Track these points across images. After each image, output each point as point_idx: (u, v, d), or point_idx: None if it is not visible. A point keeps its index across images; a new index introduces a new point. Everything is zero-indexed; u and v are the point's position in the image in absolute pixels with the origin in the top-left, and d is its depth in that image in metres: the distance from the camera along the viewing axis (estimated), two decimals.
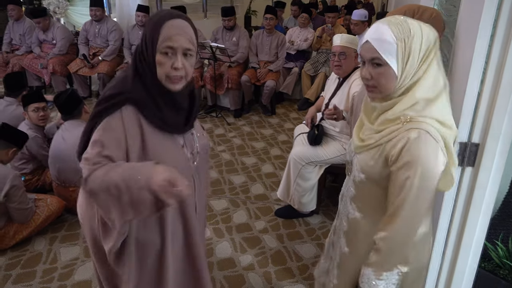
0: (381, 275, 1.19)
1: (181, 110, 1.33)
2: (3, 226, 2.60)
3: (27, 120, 3.11)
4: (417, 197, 1.12)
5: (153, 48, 1.20)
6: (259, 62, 5.12)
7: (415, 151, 1.10)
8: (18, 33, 5.74)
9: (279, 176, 3.58)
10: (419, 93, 1.14)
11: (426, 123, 1.12)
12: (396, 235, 1.16)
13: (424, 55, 1.12)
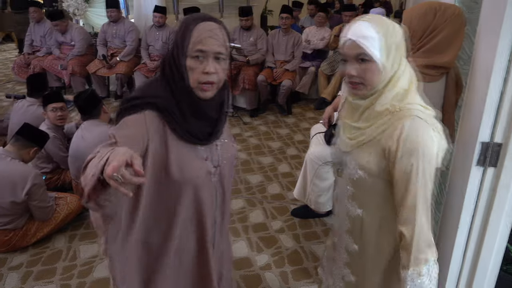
0: (422, 270, 1.17)
1: (208, 120, 1.24)
2: (24, 224, 2.66)
3: (47, 120, 3.17)
4: (426, 182, 1.15)
5: (184, 52, 1.14)
6: (275, 61, 5.11)
7: (414, 138, 1.13)
8: (39, 34, 5.87)
9: (295, 176, 3.57)
10: (399, 84, 1.19)
11: (415, 109, 1.17)
12: (420, 226, 1.16)
13: (399, 48, 1.18)
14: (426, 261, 1.17)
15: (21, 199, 2.53)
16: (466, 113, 1.64)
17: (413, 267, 1.18)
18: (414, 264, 1.18)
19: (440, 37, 1.58)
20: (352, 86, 1.22)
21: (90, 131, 2.94)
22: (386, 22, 1.17)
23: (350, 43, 1.17)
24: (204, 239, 1.33)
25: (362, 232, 1.37)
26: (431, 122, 1.17)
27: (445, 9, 1.58)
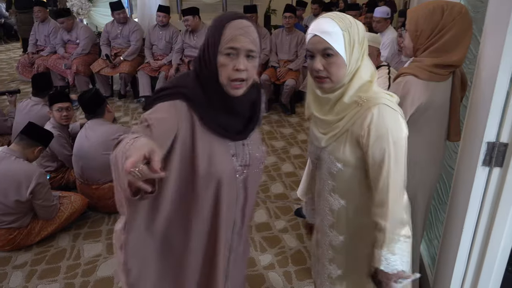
0: (395, 249, 1.24)
1: (239, 117, 1.25)
2: (29, 222, 2.66)
3: (52, 119, 3.18)
4: (397, 165, 1.22)
5: (215, 49, 1.15)
6: (278, 61, 5.10)
7: (382, 124, 1.20)
8: (43, 34, 5.89)
9: (299, 176, 3.56)
10: (363, 76, 1.25)
11: (381, 97, 1.23)
12: (393, 208, 1.23)
13: (361, 43, 1.24)
14: (399, 240, 1.24)
15: (26, 198, 2.53)
16: (471, 112, 1.63)
17: (387, 247, 1.24)
18: (387, 244, 1.24)
19: (449, 36, 1.57)
20: (318, 81, 1.27)
21: (94, 130, 2.94)
22: (349, 19, 1.24)
23: (315, 38, 1.23)
24: (216, 239, 1.30)
25: (348, 222, 1.41)
26: (398, 108, 1.24)
27: (452, 8, 1.56)
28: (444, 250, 1.89)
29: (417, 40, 1.64)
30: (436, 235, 2.15)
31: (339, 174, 1.33)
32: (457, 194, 1.75)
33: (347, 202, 1.37)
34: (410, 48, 1.69)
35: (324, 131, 1.33)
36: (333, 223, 1.43)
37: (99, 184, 2.96)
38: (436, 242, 2.10)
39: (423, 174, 1.79)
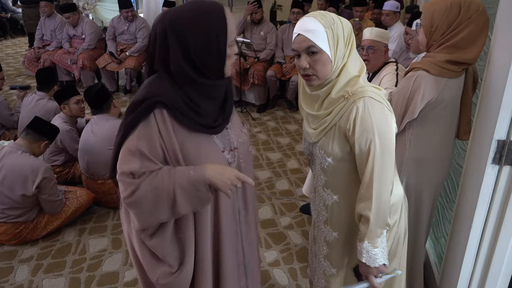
0: (376, 242, 1.26)
1: (218, 101, 1.25)
2: (35, 217, 2.68)
3: (63, 114, 3.19)
4: (382, 157, 1.22)
5: (225, 42, 1.14)
6: (285, 57, 5.08)
7: (367, 116, 1.21)
8: (50, 28, 5.89)
9: (304, 172, 3.55)
10: (350, 71, 1.27)
11: (367, 90, 1.24)
12: (378, 201, 1.24)
13: (347, 39, 1.26)
14: (381, 234, 1.26)
15: (32, 193, 2.54)
16: (481, 110, 1.61)
17: (369, 240, 1.26)
18: (370, 236, 1.26)
19: (465, 33, 1.54)
20: (306, 78, 1.31)
21: (100, 125, 2.95)
22: (332, 16, 1.25)
23: (299, 37, 1.26)
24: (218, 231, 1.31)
25: (341, 218, 1.42)
26: (384, 101, 1.25)
27: (469, 5, 1.54)
28: (452, 248, 1.87)
29: (432, 36, 1.62)
30: (443, 233, 2.13)
31: (330, 169, 1.36)
32: (466, 192, 1.73)
33: (340, 197, 1.39)
34: (424, 43, 1.67)
35: (314, 126, 1.36)
36: (327, 219, 1.45)
37: (104, 179, 2.96)
38: (443, 240, 2.08)
39: (429, 171, 1.77)
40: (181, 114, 1.17)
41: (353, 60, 1.28)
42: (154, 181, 1.13)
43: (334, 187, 1.39)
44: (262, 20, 5.02)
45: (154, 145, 1.15)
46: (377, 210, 1.24)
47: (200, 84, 1.17)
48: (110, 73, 5.58)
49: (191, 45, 1.12)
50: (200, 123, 1.20)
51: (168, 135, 1.16)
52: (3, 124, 3.78)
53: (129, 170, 1.14)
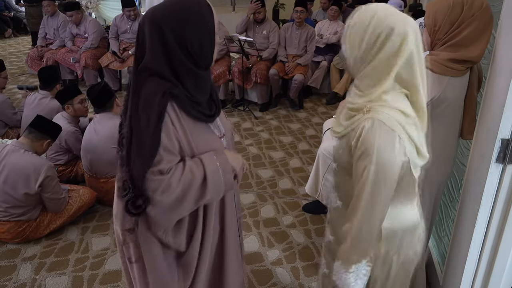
0: (350, 267, 1.17)
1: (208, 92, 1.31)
2: (38, 215, 2.68)
3: (65, 114, 3.19)
4: (373, 189, 1.10)
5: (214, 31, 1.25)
6: (287, 55, 5.07)
7: (369, 140, 1.10)
8: (52, 27, 5.90)
9: (306, 171, 3.55)
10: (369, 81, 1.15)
11: (383, 112, 1.11)
12: (358, 227, 1.14)
13: (368, 48, 1.11)
14: (358, 262, 1.16)
15: (35, 191, 2.55)
16: (485, 109, 1.60)
17: (342, 261, 1.18)
18: (345, 259, 1.18)
19: (468, 31, 1.53)
20: None
21: (102, 124, 2.95)
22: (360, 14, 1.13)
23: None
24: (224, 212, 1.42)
25: (339, 226, 1.36)
26: (399, 129, 1.10)
27: (472, 2, 1.53)
28: (455, 247, 1.86)
29: (435, 35, 1.61)
30: (446, 232, 2.13)
31: (336, 173, 1.33)
32: (469, 191, 1.73)
33: (343, 205, 1.34)
34: (428, 43, 1.66)
35: (336, 129, 1.29)
36: (330, 220, 1.44)
37: (107, 177, 2.97)
38: (446, 239, 2.08)
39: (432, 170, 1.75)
40: (186, 104, 1.22)
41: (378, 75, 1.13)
42: (185, 174, 1.19)
43: (339, 193, 1.35)
44: (265, 19, 5.00)
45: (171, 138, 1.19)
46: (356, 238, 1.15)
47: (196, 75, 1.23)
48: (113, 71, 5.59)
49: (188, 40, 1.18)
50: (202, 112, 1.27)
51: (181, 126, 1.21)
52: (6, 123, 3.79)
53: (157, 168, 1.16)
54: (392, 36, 1.08)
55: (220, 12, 6.60)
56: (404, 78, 1.13)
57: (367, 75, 1.15)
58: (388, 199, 1.14)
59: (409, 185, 1.21)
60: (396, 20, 1.09)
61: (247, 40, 4.52)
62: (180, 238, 1.32)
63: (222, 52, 4.99)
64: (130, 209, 1.19)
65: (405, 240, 1.27)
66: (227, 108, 5.09)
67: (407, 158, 1.13)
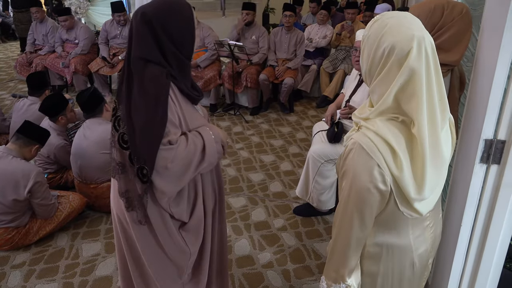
0: (331, 285, 1.18)
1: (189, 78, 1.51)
2: (27, 222, 2.66)
3: (55, 125, 3.16)
4: (348, 209, 1.11)
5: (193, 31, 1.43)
6: (277, 59, 5.10)
7: (349, 162, 1.09)
8: (41, 33, 5.87)
9: (297, 174, 3.56)
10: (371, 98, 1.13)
11: (367, 136, 1.07)
12: (334, 244, 1.16)
13: (379, 64, 1.05)
14: (336, 281, 1.16)
15: (24, 197, 2.53)
16: (469, 110, 1.63)
17: (324, 274, 1.21)
18: (326, 272, 1.20)
19: (448, 36, 1.56)
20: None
21: (92, 129, 2.94)
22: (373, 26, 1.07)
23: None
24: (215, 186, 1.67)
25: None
26: (378, 157, 1.04)
27: (453, 7, 1.56)
28: (442, 247, 1.89)
29: None
30: None
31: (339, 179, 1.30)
32: (455, 191, 1.76)
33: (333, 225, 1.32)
34: None
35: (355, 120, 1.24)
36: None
37: (97, 183, 2.96)
38: None
39: None
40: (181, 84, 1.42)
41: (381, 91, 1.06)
42: (189, 144, 1.39)
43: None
44: (253, 23, 5.02)
45: (174, 113, 1.38)
46: (331, 254, 1.18)
47: (183, 63, 1.42)
48: (102, 77, 5.57)
49: (174, 32, 1.37)
50: (192, 93, 1.47)
51: (179, 104, 1.40)
52: None
53: (167, 139, 1.34)
54: (393, 54, 1.01)
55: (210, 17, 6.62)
56: (402, 107, 1.04)
57: (372, 91, 1.10)
58: (364, 221, 1.11)
59: (393, 215, 1.14)
60: (401, 37, 1.01)
61: (237, 45, 4.54)
62: (181, 207, 1.50)
63: (213, 57, 5.01)
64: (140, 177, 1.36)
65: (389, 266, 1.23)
66: (218, 113, 5.10)
67: (388, 188, 1.07)
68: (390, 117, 1.07)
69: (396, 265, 1.24)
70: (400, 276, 1.26)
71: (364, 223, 1.11)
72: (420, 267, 1.27)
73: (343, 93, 2.99)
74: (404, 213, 1.12)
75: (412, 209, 1.12)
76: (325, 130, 2.91)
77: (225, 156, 1.46)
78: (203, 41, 4.95)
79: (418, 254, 1.24)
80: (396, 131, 1.06)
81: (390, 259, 1.22)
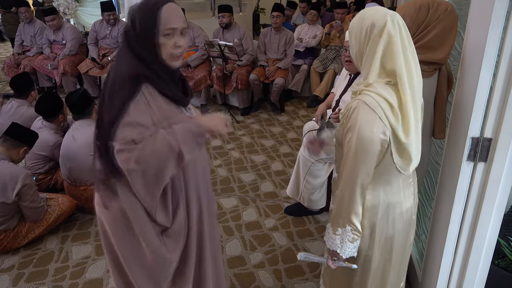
0: (337, 230, 1.37)
1: (177, 85, 1.44)
2: (15, 225, 2.63)
3: (52, 124, 3.14)
4: (354, 159, 1.29)
5: (156, 31, 1.29)
6: (267, 60, 5.10)
7: (353, 118, 1.28)
8: (29, 34, 5.81)
9: (288, 174, 3.57)
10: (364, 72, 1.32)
11: (369, 95, 1.27)
12: (341, 193, 1.34)
13: (361, 44, 1.29)
14: (343, 225, 1.35)
15: (12, 200, 2.50)
16: (456, 108, 1.65)
17: (331, 223, 1.39)
18: (333, 221, 1.38)
19: (433, 34, 1.58)
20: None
21: (81, 131, 2.92)
22: (357, 17, 1.31)
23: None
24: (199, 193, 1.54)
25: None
26: (380, 111, 1.26)
27: (438, 6, 1.58)
28: (432, 244, 1.91)
29: None
30: (424, 230, 2.17)
31: (335, 148, 1.48)
32: (443, 189, 1.77)
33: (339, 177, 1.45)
34: None
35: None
36: (333, 192, 1.56)
37: (87, 185, 2.93)
38: (424, 237, 2.12)
39: None
40: (161, 87, 1.34)
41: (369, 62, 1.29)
42: (156, 140, 1.27)
43: (337, 166, 1.50)
44: (231, 25, 4.99)
45: (145, 116, 1.29)
46: (339, 203, 1.35)
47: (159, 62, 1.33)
48: (92, 78, 5.53)
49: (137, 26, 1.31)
50: (175, 93, 1.38)
51: (157, 107, 1.32)
52: None
53: (130, 138, 1.25)
54: (374, 29, 1.25)
55: (200, 17, 6.60)
56: (387, 68, 1.27)
57: (363, 67, 1.32)
58: (367, 169, 1.30)
59: (388, 168, 1.35)
60: (377, 16, 1.27)
61: (227, 45, 4.53)
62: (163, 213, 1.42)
63: (203, 57, 5.00)
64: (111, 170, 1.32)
65: (384, 217, 1.42)
66: (208, 113, 5.08)
67: (387, 138, 1.27)
68: (385, 82, 1.28)
69: (390, 217, 1.42)
70: (393, 229, 1.44)
71: (367, 170, 1.30)
72: (406, 220, 1.47)
73: (333, 93, 3.00)
74: (397, 165, 1.34)
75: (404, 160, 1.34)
76: (315, 129, 2.91)
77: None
78: (193, 41, 4.94)
79: (405, 208, 1.45)
80: (391, 91, 1.28)
81: (385, 211, 1.41)
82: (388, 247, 1.47)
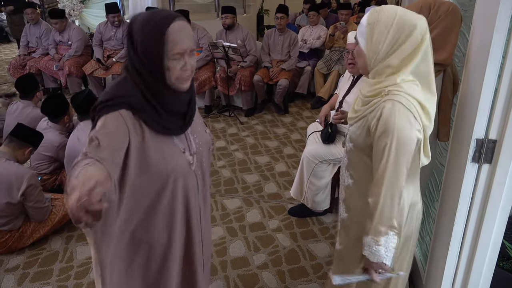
0: (379, 240, 1.28)
1: (179, 114, 1.29)
2: (20, 225, 2.65)
3: (58, 125, 3.15)
4: (396, 161, 1.25)
5: (161, 55, 1.16)
6: (271, 61, 5.10)
7: (389, 120, 1.25)
8: (35, 35, 5.84)
9: (292, 175, 3.57)
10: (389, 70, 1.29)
11: (401, 95, 1.26)
12: (384, 201, 1.27)
13: (393, 42, 1.26)
14: (386, 234, 1.28)
15: (17, 200, 2.52)
16: (460, 110, 1.64)
17: (372, 235, 1.30)
18: (374, 233, 1.30)
19: (435, 34, 1.58)
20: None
21: (86, 132, 2.92)
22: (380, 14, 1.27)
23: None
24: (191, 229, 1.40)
25: (353, 202, 1.49)
26: (414, 109, 1.26)
27: (439, 6, 1.58)
28: (436, 246, 1.90)
29: None
30: (428, 232, 2.16)
31: (351, 153, 1.45)
32: (448, 191, 1.77)
33: (354, 183, 1.45)
34: None
35: (357, 108, 1.41)
36: (344, 198, 1.54)
37: None
38: (428, 238, 2.11)
39: None
40: (145, 114, 1.21)
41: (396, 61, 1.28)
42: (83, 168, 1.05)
43: (352, 172, 1.46)
44: (234, 26, 5.00)
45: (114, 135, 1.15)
46: (382, 210, 1.28)
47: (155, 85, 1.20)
48: (97, 79, 5.55)
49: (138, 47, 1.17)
50: (162, 124, 1.24)
51: (137, 134, 1.20)
52: None
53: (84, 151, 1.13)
54: (414, 31, 1.24)
55: (205, 19, 6.61)
56: (421, 71, 1.28)
57: (388, 65, 1.28)
58: (407, 170, 1.27)
59: (415, 165, 1.35)
60: (415, 16, 1.26)
61: (231, 46, 4.54)
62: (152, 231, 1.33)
63: (207, 58, 5.01)
64: None
65: (408, 217, 1.41)
66: (212, 114, 5.10)
67: (421, 136, 1.29)
68: (411, 82, 1.28)
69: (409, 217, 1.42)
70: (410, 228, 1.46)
71: (407, 171, 1.28)
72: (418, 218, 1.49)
73: (337, 94, 3.00)
74: (421, 163, 1.37)
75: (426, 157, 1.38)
76: (319, 131, 2.92)
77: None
78: (198, 42, 4.95)
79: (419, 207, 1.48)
80: (417, 91, 1.28)
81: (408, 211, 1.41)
82: (406, 247, 1.48)
